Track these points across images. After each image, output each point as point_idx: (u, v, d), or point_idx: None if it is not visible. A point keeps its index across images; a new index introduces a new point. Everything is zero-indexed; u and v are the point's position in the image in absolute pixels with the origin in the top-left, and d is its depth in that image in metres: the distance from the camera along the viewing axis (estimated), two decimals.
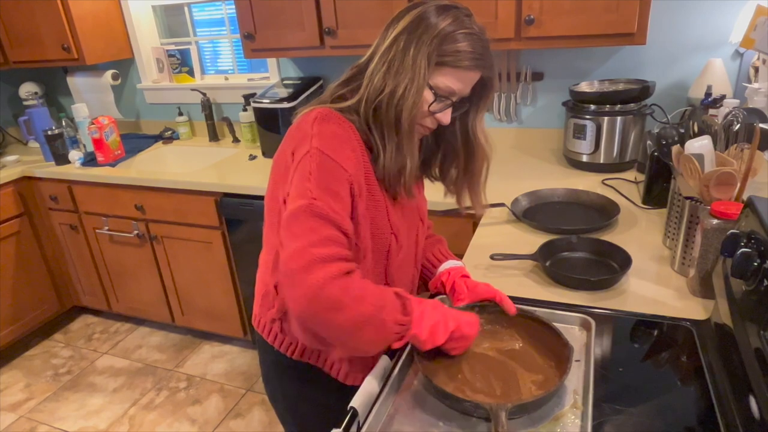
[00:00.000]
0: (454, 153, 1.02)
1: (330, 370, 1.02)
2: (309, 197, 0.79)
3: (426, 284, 1.15)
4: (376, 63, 0.88)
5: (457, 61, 0.85)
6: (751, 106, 1.58)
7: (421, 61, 0.84)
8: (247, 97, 2.47)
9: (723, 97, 1.61)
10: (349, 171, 0.84)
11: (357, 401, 0.83)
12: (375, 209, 0.92)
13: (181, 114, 2.80)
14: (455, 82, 0.88)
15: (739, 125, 1.15)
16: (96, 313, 3.03)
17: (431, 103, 0.88)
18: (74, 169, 2.49)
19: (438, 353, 0.90)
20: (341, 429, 0.78)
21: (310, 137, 0.84)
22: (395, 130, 0.87)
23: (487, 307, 0.99)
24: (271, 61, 2.56)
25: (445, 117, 0.91)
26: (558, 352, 0.89)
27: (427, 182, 1.13)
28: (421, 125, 0.92)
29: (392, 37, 0.87)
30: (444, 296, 1.09)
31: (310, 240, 0.77)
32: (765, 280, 0.75)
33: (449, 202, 1.63)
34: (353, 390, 0.87)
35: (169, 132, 2.84)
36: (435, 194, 1.11)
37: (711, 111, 1.59)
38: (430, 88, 0.87)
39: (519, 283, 1.19)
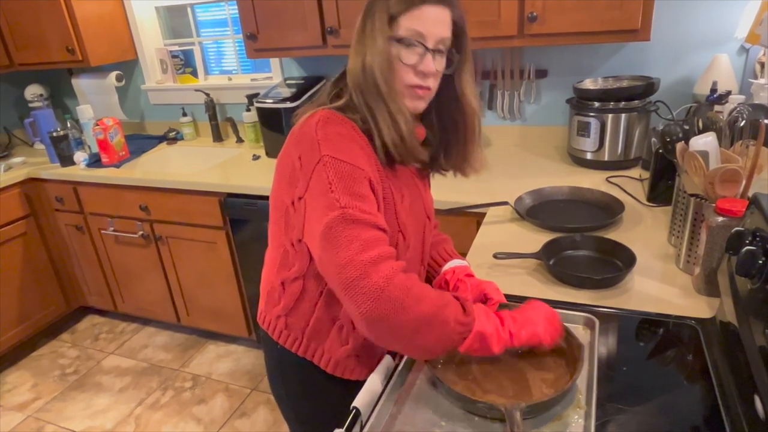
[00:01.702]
0: (453, 124, 0.99)
1: (320, 362, 1.01)
2: (338, 207, 0.80)
3: (430, 283, 1.14)
4: (350, 49, 0.91)
5: (407, 4, 0.85)
6: (756, 102, 1.57)
7: (377, 24, 0.86)
8: (251, 97, 2.48)
9: (728, 93, 1.60)
10: (364, 168, 0.85)
11: (360, 401, 0.83)
12: (386, 204, 0.92)
13: (185, 115, 2.81)
14: (415, 21, 0.86)
15: (744, 121, 1.14)
16: (102, 313, 3.05)
17: (401, 54, 0.87)
18: (79, 170, 2.50)
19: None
20: (344, 429, 0.78)
21: (318, 144, 0.84)
22: (380, 99, 0.87)
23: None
24: (274, 61, 2.56)
25: (426, 64, 0.88)
26: (567, 351, 0.88)
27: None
28: (410, 87, 0.90)
29: (358, 20, 0.90)
30: None
31: (355, 248, 0.78)
32: None
33: (453, 200, 1.64)
34: (357, 388, 0.87)
35: (173, 133, 2.85)
36: (438, 193, 1.11)
37: (716, 107, 1.57)
38: (393, 40, 0.87)
39: (522, 282, 1.19)
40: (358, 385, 0.89)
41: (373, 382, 0.87)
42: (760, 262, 0.76)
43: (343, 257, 0.77)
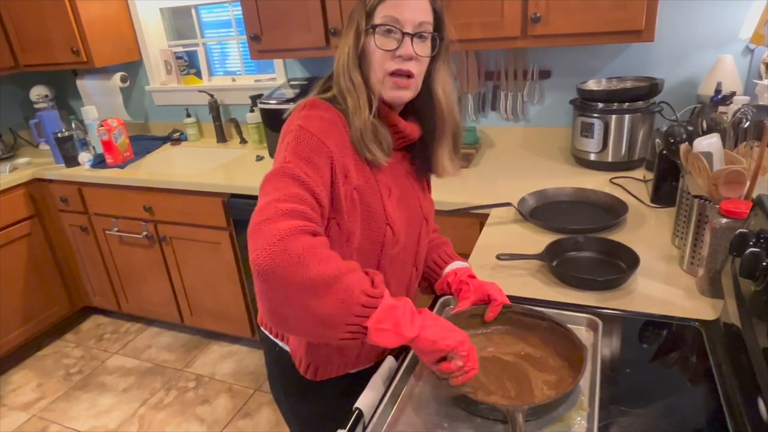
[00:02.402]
0: (428, 114, 0.98)
1: (299, 366, 1.00)
2: (282, 161, 0.81)
3: (432, 286, 1.14)
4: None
5: None
6: (761, 103, 1.56)
7: (354, 17, 0.89)
8: (254, 98, 2.48)
9: (733, 94, 1.59)
10: (330, 147, 0.84)
11: (362, 402, 0.83)
12: (369, 196, 0.91)
13: (189, 115, 2.81)
14: (391, 9, 0.86)
15: (748, 122, 1.14)
16: (106, 313, 3.06)
17: (376, 41, 0.87)
18: (84, 171, 2.51)
19: None
20: (346, 429, 0.78)
21: (297, 119, 0.87)
22: (352, 87, 0.89)
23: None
24: (278, 62, 2.57)
25: (405, 49, 0.86)
26: (570, 353, 0.88)
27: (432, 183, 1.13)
28: (390, 76, 0.88)
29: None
30: (449, 297, 1.09)
31: (277, 196, 0.76)
32: None
33: (456, 201, 1.64)
34: (354, 390, 0.87)
35: (178, 133, 2.86)
36: (442, 194, 1.10)
37: (721, 108, 1.57)
38: (369, 30, 0.88)
39: (525, 283, 1.19)
40: (357, 385, 0.89)
41: (376, 384, 0.88)
42: (764, 263, 0.76)
43: (262, 202, 0.76)
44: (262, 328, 1.08)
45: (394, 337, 0.75)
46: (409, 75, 0.88)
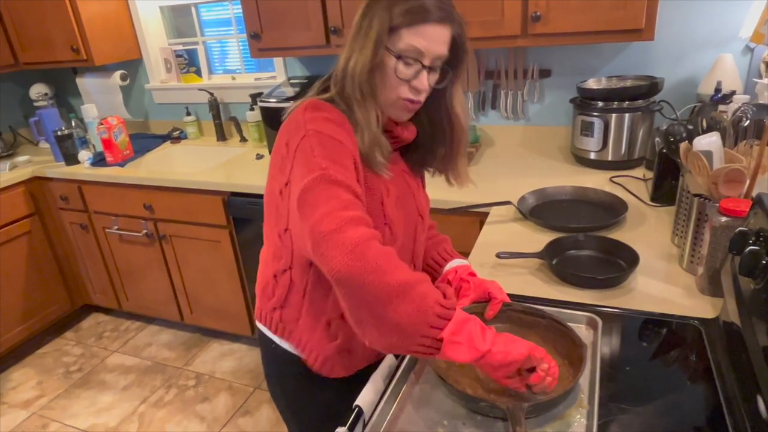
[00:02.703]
0: (442, 132, 1.00)
1: (308, 358, 1.00)
2: (319, 169, 0.78)
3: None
4: (344, 49, 0.90)
5: (413, 19, 0.84)
6: (761, 102, 1.56)
7: (374, 26, 0.84)
8: (254, 97, 2.48)
9: (733, 93, 1.59)
10: (349, 147, 0.84)
11: (362, 399, 0.83)
12: (369, 197, 0.91)
13: (189, 114, 2.81)
14: (417, 38, 0.85)
15: (748, 121, 1.14)
16: (106, 311, 3.06)
17: (397, 68, 0.87)
18: (84, 169, 2.51)
19: None
20: (346, 427, 0.79)
21: (304, 123, 0.85)
22: (354, 103, 0.87)
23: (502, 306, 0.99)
24: (278, 61, 2.57)
25: (421, 82, 0.89)
26: (570, 351, 0.88)
27: (428, 180, 1.13)
28: (400, 99, 0.90)
29: (356, 18, 0.89)
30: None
31: (335, 205, 0.74)
32: None
33: (455, 200, 1.64)
34: (352, 388, 0.87)
35: (177, 132, 2.86)
36: (441, 192, 1.11)
37: (721, 107, 1.57)
38: (392, 53, 0.86)
39: (525, 282, 1.19)
40: (355, 383, 0.89)
41: (376, 381, 0.88)
42: (764, 262, 0.76)
43: (321, 212, 0.74)
44: (259, 325, 1.08)
45: (467, 351, 0.73)
46: (419, 102, 0.92)
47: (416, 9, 0.84)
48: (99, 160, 2.53)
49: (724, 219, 1.00)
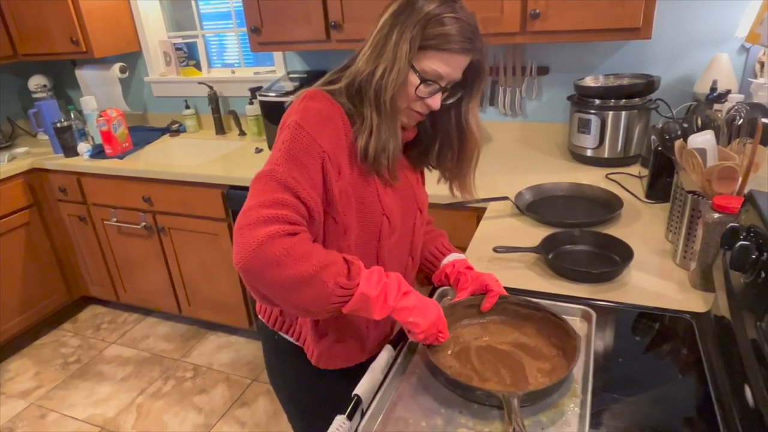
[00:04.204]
0: (449, 140, 1.02)
1: (306, 351, 1.03)
2: (273, 164, 0.83)
3: (429, 278, 1.16)
4: (365, 47, 0.90)
5: (442, 44, 0.86)
6: (754, 101, 1.58)
7: (404, 44, 0.85)
8: (254, 91, 2.49)
9: (728, 92, 1.61)
10: (323, 147, 0.85)
11: (361, 388, 0.85)
12: (364, 188, 0.93)
13: (188, 107, 2.82)
14: (441, 65, 0.88)
15: (742, 120, 1.16)
16: (104, 303, 3.07)
17: (417, 87, 0.89)
18: (83, 161, 2.51)
19: (446, 343, 0.92)
20: (345, 415, 0.80)
21: (294, 112, 0.87)
22: (376, 111, 0.88)
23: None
24: (277, 55, 2.57)
25: (435, 102, 0.92)
26: (564, 342, 0.90)
27: (428, 177, 1.14)
28: (411, 110, 0.93)
29: (381, 23, 0.89)
30: (447, 287, 1.11)
31: (260, 201, 0.80)
32: (763, 273, 0.76)
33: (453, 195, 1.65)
34: (352, 377, 0.89)
35: (176, 125, 2.87)
36: (439, 188, 1.12)
37: (716, 106, 1.59)
38: (415, 71, 0.88)
39: (521, 276, 1.21)
40: (355, 374, 0.91)
41: (374, 371, 0.89)
42: (754, 256, 0.78)
43: (247, 205, 0.81)
44: (261, 317, 1.10)
45: (367, 316, 0.84)
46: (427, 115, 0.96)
47: (448, 38, 0.85)
48: (98, 152, 2.54)
49: (716, 215, 1.02)
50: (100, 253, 2.74)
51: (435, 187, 1.14)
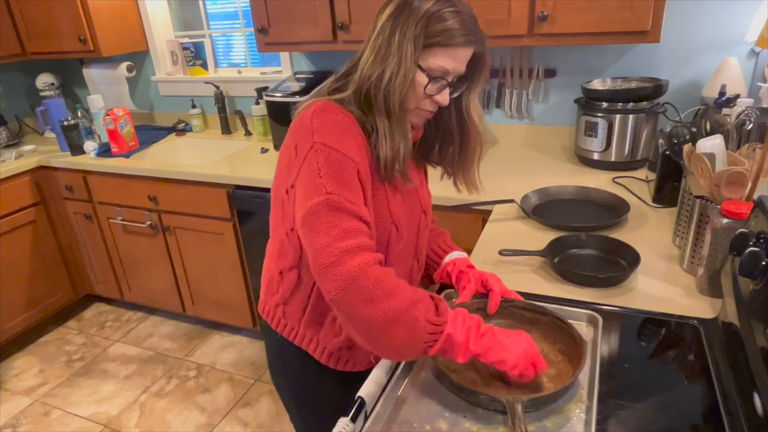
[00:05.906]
0: (450, 134, 1.02)
1: (314, 352, 1.03)
2: (324, 192, 0.81)
3: (430, 277, 1.16)
4: (367, 53, 0.89)
5: (446, 40, 0.85)
6: (764, 106, 1.57)
7: (408, 45, 0.84)
8: (260, 91, 2.49)
9: (737, 96, 1.60)
10: (354, 159, 0.85)
11: (365, 391, 0.84)
12: (375, 198, 0.93)
13: (194, 106, 2.82)
14: (448, 61, 0.87)
15: (751, 125, 1.15)
16: (109, 301, 3.08)
17: (426, 86, 0.89)
18: (89, 159, 2.52)
19: None
20: (349, 417, 0.80)
21: (312, 131, 0.85)
22: (386, 116, 0.88)
23: (501, 302, 1.00)
24: (284, 55, 2.58)
25: (443, 98, 0.91)
26: (570, 348, 0.90)
27: (432, 177, 1.14)
28: (420, 109, 0.93)
29: (379, 26, 0.88)
30: (452, 291, 1.10)
31: (333, 234, 0.78)
32: None
33: (459, 197, 1.65)
34: (355, 379, 0.88)
35: (183, 124, 2.87)
36: (445, 190, 1.12)
37: (724, 110, 1.58)
38: (423, 70, 0.87)
39: (527, 279, 1.20)
40: (357, 375, 0.90)
41: (378, 374, 0.89)
42: (764, 263, 0.78)
43: (320, 242, 0.78)
44: (263, 317, 1.10)
45: (458, 354, 0.81)
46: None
47: (452, 32, 0.85)
48: (104, 151, 2.55)
49: (725, 221, 1.01)
50: (106, 252, 2.75)
51: (440, 189, 1.13)
